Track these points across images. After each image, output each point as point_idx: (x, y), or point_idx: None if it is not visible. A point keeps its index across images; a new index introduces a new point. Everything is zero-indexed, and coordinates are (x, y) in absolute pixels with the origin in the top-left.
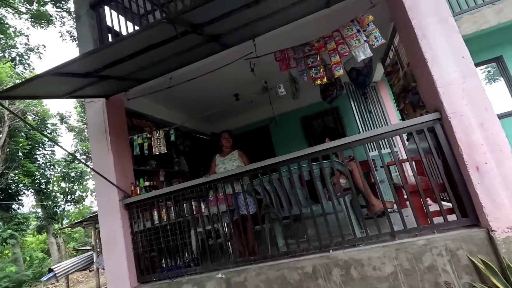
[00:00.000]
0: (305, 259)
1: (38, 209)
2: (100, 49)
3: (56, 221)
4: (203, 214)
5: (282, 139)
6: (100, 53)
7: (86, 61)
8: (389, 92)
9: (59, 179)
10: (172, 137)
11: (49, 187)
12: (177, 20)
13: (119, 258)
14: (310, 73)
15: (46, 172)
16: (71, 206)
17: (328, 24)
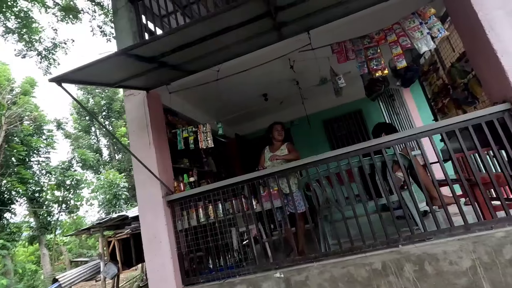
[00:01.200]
0: (373, 255)
1: (30, 218)
2: (183, 27)
3: (49, 231)
4: (254, 211)
5: (304, 142)
6: (176, 34)
7: (160, 42)
8: (412, 95)
9: (53, 187)
10: (220, 131)
11: (42, 195)
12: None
13: (163, 258)
14: (370, 64)
15: (40, 179)
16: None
17: (383, 17)
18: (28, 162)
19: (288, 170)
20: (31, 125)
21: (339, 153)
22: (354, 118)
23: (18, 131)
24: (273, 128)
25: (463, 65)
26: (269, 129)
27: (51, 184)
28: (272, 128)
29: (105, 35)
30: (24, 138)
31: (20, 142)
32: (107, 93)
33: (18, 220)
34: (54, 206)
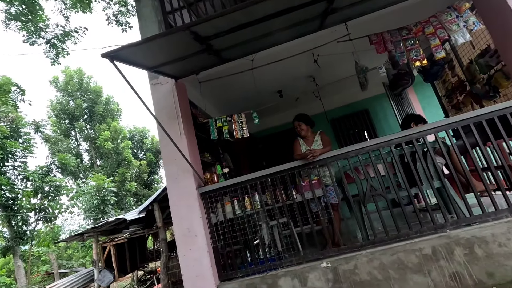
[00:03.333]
0: (422, 240)
1: (3, 228)
2: (250, 4)
3: (25, 242)
4: (295, 201)
5: None
6: (242, 11)
7: (219, 20)
8: (417, 95)
9: (30, 194)
10: (256, 120)
11: (17, 203)
12: None
13: (199, 253)
14: (410, 55)
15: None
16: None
17: (417, 11)
18: (2, 167)
19: (328, 159)
20: (7, 127)
21: (380, 141)
22: (361, 117)
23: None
24: (294, 126)
25: (487, 60)
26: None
27: (27, 191)
28: (293, 126)
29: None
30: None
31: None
32: (90, 95)
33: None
34: (30, 215)
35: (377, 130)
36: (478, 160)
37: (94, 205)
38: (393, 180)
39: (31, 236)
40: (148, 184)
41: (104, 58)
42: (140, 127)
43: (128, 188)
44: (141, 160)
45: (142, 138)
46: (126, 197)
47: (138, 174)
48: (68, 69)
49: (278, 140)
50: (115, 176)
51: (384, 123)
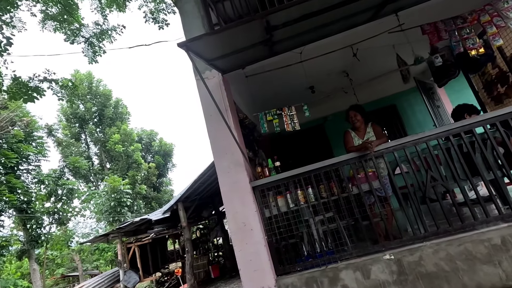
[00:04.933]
0: (490, 230)
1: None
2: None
3: (40, 245)
4: (351, 193)
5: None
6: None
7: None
8: (445, 90)
9: (44, 197)
10: (306, 113)
11: (32, 206)
12: None
13: (256, 247)
14: (466, 43)
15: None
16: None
17: (469, 2)
18: (17, 171)
19: (385, 151)
20: (21, 131)
21: (439, 131)
22: (389, 112)
23: (9, 137)
24: (348, 116)
25: None
26: (346, 115)
27: (41, 194)
28: (347, 115)
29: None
30: (14, 144)
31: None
32: (99, 99)
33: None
34: (44, 218)
35: (406, 125)
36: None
37: (111, 207)
38: (445, 173)
39: (46, 239)
40: (157, 187)
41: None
42: (148, 130)
43: (139, 190)
44: (149, 162)
45: (150, 140)
46: (136, 199)
47: (147, 177)
48: (78, 73)
49: (305, 137)
50: (126, 178)
51: (413, 118)
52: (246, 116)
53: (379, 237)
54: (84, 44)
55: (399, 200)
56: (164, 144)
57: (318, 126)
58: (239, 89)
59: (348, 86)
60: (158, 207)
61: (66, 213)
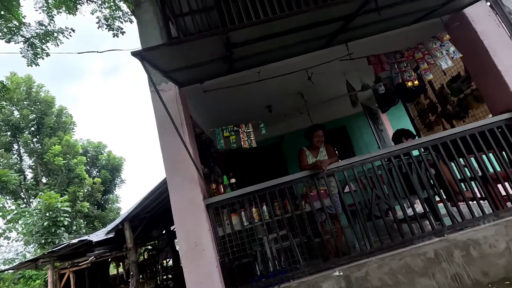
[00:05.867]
0: (425, 244)
1: None
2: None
3: None
4: (303, 211)
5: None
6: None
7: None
8: (387, 116)
9: None
10: (263, 131)
11: None
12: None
13: (208, 268)
14: (404, 75)
15: None
16: None
17: (407, 38)
18: None
19: (335, 169)
20: None
21: (383, 153)
22: (339, 134)
23: None
24: (314, 135)
25: (459, 85)
26: (309, 133)
27: None
28: (313, 134)
29: (111, 29)
30: None
31: None
32: (39, 106)
33: None
34: None
35: (355, 146)
36: None
37: (44, 227)
38: (387, 191)
39: None
40: (101, 204)
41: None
42: (95, 142)
43: (80, 208)
44: (94, 177)
45: (97, 153)
46: (76, 218)
47: (91, 193)
48: (15, 76)
49: (262, 155)
50: (65, 195)
51: (361, 140)
52: (203, 131)
53: (330, 254)
54: (23, 44)
55: (348, 217)
56: (113, 157)
57: (275, 144)
58: (197, 104)
59: (303, 107)
60: (102, 226)
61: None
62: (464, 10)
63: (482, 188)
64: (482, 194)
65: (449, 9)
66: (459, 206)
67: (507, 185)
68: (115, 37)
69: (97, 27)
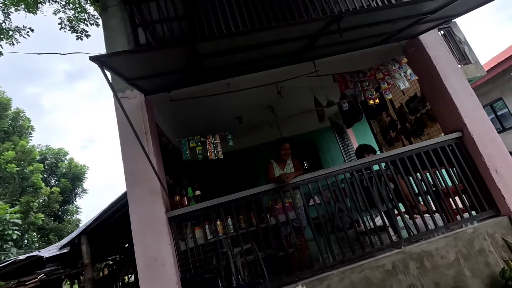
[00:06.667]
0: (383, 257)
1: None
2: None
3: None
4: (269, 224)
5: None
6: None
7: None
8: (353, 131)
9: None
10: (230, 143)
11: None
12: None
13: (167, 285)
14: (366, 94)
15: None
16: None
17: (368, 59)
18: None
19: (300, 182)
20: None
21: (346, 167)
22: (307, 147)
23: None
24: (281, 148)
25: (416, 104)
26: (276, 145)
27: None
28: (280, 147)
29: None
30: None
31: None
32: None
33: None
34: None
35: (322, 160)
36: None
37: None
38: (350, 204)
39: None
40: (59, 216)
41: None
42: (55, 149)
43: (33, 220)
44: (52, 187)
45: (57, 161)
46: (28, 231)
47: (47, 204)
48: None
49: (231, 166)
50: (16, 205)
51: (327, 154)
52: (169, 140)
53: (294, 267)
54: None
55: (312, 230)
56: (75, 165)
57: (244, 155)
58: (164, 112)
59: (273, 120)
60: (58, 240)
61: None
62: (420, 37)
63: (435, 202)
64: (435, 207)
65: (405, 35)
66: (415, 219)
67: (457, 199)
68: (79, 39)
69: (59, 28)
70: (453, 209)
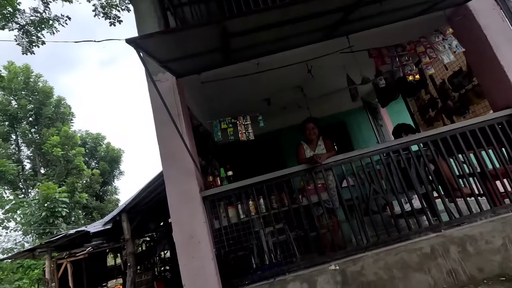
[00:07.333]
0: (421, 240)
1: None
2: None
3: None
4: (300, 205)
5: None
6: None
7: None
8: (388, 111)
9: None
10: (261, 123)
11: None
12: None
13: (203, 261)
14: (405, 69)
15: None
16: None
17: (409, 31)
18: None
19: (333, 163)
20: None
21: (382, 147)
22: (338, 129)
23: None
24: (305, 128)
25: (460, 80)
26: (302, 127)
27: None
28: (304, 127)
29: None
30: None
31: None
32: (37, 96)
33: None
34: None
35: (353, 142)
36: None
37: (42, 217)
38: (385, 186)
39: None
40: (100, 196)
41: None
42: (94, 133)
43: (78, 199)
44: (93, 169)
45: (96, 145)
46: (75, 209)
47: (90, 185)
48: (12, 65)
49: (259, 148)
50: (63, 186)
51: (359, 135)
52: (200, 123)
53: (326, 248)
54: (18, 31)
55: (345, 212)
56: (112, 149)
57: (273, 137)
58: (194, 95)
59: (302, 101)
60: (100, 218)
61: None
62: (468, 4)
63: (480, 185)
64: (480, 191)
65: (452, 2)
66: (457, 202)
67: (506, 181)
68: (112, 26)
69: (93, 15)
70: (501, 192)
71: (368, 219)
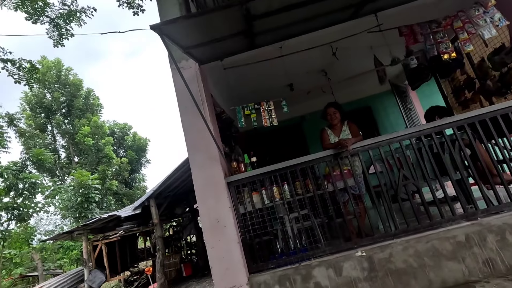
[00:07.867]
0: (455, 228)
1: None
2: None
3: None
4: (326, 191)
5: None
6: None
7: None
8: (417, 94)
9: (2, 191)
10: (285, 109)
11: None
12: None
13: (229, 244)
14: (440, 47)
15: None
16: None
17: (443, 6)
18: None
19: (360, 149)
20: None
21: (412, 131)
22: (364, 114)
23: None
24: (326, 113)
25: (502, 57)
26: (323, 112)
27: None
28: (325, 112)
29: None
30: None
31: None
32: (68, 88)
33: None
34: (1, 214)
35: (380, 127)
36: None
37: (77, 202)
38: (416, 172)
39: (3, 236)
40: (129, 183)
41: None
42: (121, 123)
43: (109, 186)
44: (121, 157)
45: (123, 134)
46: (106, 195)
47: (119, 172)
48: (45, 60)
49: (282, 134)
50: (95, 173)
51: (386, 120)
52: (223, 110)
53: (352, 234)
54: (49, 25)
55: (372, 198)
56: (138, 138)
57: (295, 124)
58: (217, 82)
59: (326, 86)
60: (130, 203)
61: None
62: None
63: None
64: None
65: None
66: (496, 189)
67: None
68: (135, 15)
69: (117, 5)
70: None
71: (397, 206)
